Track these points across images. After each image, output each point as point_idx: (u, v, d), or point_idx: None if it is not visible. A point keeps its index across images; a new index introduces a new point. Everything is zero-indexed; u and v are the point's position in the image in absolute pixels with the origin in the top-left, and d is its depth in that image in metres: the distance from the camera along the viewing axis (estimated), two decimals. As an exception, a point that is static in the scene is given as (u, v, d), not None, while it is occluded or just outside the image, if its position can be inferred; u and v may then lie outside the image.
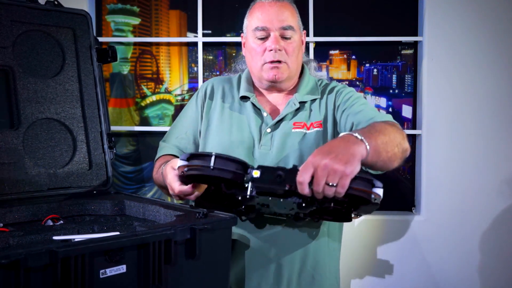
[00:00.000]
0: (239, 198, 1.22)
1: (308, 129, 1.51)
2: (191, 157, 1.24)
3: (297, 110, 1.53)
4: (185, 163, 1.24)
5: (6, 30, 1.56)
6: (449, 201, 2.32)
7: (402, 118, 2.41)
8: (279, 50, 1.48)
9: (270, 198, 1.22)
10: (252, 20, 1.52)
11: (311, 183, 1.10)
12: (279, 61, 1.49)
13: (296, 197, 1.21)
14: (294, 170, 1.15)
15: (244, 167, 1.21)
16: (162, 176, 1.43)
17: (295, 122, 1.51)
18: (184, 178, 1.28)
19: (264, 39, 1.50)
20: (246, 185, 1.20)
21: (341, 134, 1.20)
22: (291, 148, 1.48)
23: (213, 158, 1.19)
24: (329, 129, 1.51)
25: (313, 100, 1.56)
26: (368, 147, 1.15)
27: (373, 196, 1.14)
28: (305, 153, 1.47)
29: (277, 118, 1.52)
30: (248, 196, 1.19)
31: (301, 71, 1.63)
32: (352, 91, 1.56)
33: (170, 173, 1.34)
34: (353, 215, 1.28)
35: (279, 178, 1.15)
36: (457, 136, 2.31)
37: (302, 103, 1.54)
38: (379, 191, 1.14)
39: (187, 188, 1.30)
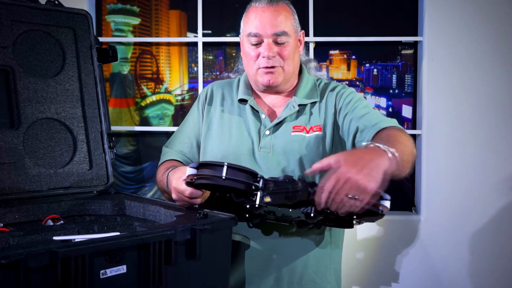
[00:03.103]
0: (248, 206, 1.22)
1: (308, 132, 1.50)
2: (201, 166, 1.23)
3: (297, 113, 1.52)
4: (194, 171, 1.23)
5: (7, 30, 1.56)
6: (449, 201, 2.32)
7: (402, 118, 2.41)
8: (273, 56, 1.47)
9: (279, 208, 1.22)
10: (247, 25, 1.51)
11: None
12: (273, 67, 1.48)
13: (304, 206, 1.21)
14: (305, 181, 1.16)
15: (254, 176, 1.21)
16: (167, 179, 1.42)
17: (294, 126, 1.51)
18: (192, 186, 1.27)
19: (258, 44, 1.49)
20: (255, 193, 1.20)
21: (368, 145, 1.19)
22: (290, 152, 1.47)
23: (225, 168, 1.18)
24: (329, 133, 1.50)
25: (313, 103, 1.55)
26: (391, 158, 1.15)
27: (380, 208, 1.15)
28: (304, 156, 1.47)
29: (276, 121, 1.51)
30: (257, 205, 1.19)
31: (300, 71, 1.62)
32: (353, 93, 1.54)
33: (177, 179, 1.32)
34: (355, 222, 1.28)
35: (291, 194, 1.16)
36: (457, 136, 2.31)
37: (302, 106, 1.53)
38: (387, 204, 1.15)
39: (197, 191, 1.29)
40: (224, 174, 1.18)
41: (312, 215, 1.21)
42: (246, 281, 1.47)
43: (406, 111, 2.41)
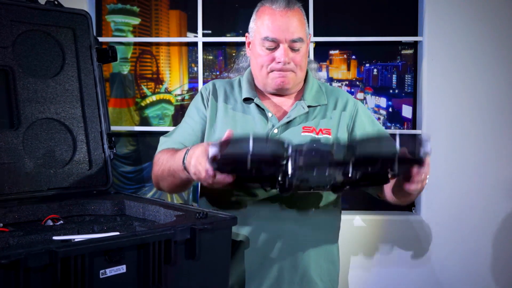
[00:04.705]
0: (279, 178, 1.17)
1: (317, 134, 1.51)
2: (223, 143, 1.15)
3: (306, 115, 1.52)
4: (216, 151, 1.14)
5: (6, 30, 1.56)
6: (449, 201, 2.32)
7: (402, 118, 2.41)
8: (288, 63, 1.47)
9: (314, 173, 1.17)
10: (262, 28, 1.49)
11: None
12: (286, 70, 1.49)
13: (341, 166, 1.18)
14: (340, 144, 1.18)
15: (282, 146, 1.15)
16: (184, 162, 1.31)
17: (304, 126, 1.51)
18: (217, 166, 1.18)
19: (273, 49, 1.48)
20: (285, 162, 1.15)
21: None
22: None
23: (251, 143, 1.10)
24: (342, 138, 1.51)
25: (321, 106, 1.55)
26: None
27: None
28: None
29: (285, 120, 1.50)
30: (290, 174, 1.14)
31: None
32: (365, 113, 1.59)
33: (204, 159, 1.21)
34: (390, 176, 1.25)
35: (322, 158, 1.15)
36: (457, 136, 2.31)
37: (310, 108, 1.53)
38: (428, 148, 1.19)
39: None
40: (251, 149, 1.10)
41: (350, 175, 1.18)
42: (246, 281, 1.47)
43: (406, 111, 2.41)
